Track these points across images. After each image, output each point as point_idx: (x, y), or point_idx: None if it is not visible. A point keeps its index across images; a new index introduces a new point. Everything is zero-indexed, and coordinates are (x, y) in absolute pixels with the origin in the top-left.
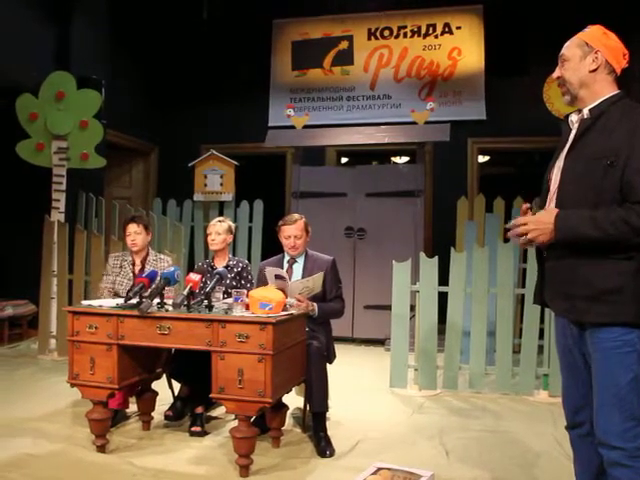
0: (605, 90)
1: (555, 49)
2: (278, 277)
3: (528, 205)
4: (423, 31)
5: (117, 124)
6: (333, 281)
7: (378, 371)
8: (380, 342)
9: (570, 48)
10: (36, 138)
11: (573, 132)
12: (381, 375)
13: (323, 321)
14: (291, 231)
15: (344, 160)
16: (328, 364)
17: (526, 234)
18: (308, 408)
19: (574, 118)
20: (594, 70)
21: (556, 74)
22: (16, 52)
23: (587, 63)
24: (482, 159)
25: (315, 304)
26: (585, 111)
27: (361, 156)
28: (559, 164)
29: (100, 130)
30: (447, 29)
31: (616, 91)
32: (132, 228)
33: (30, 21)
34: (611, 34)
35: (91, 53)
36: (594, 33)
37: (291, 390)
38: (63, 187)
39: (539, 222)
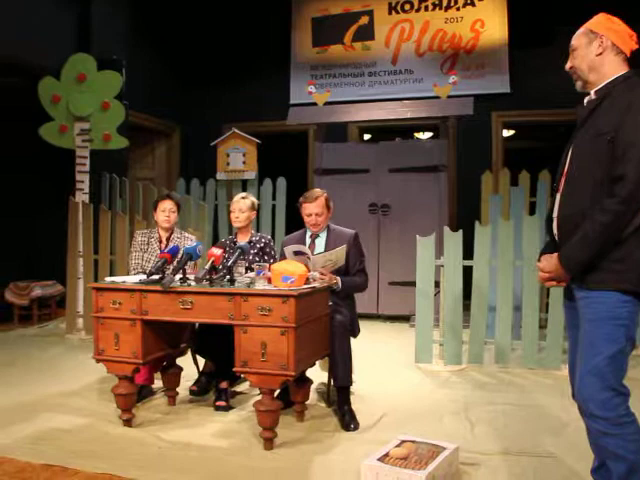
0: (613, 71)
1: (581, 18)
2: (298, 253)
3: (548, 256)
4: (444, 3)
5: (139, 105)
6: (356, 255)
7: (403, 347)
8: (405, 318)
9: (577, 37)
10: (59, 120)
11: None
12: (406, 351)
13: (347, 295)
14: (312, 209)
15: (366, 137)
16: (352, 338)
17: (550, 280)
18: (332, 382)
19: (586, 100)
20: (600, 54)
21: (568, 65)
22: (37, 35)
23: (593, 48)
24: (507, 133)
25: (338, 277)
26: (592, 92)
27: (384, 132)
28: (571, 145)
29: (122, 111)
30: (469, 1)
31: (625, 71)
32: (168, 205)
33: (50, 4)
34: (615, 18)
35: (111, 34)
36: (598, 20)
37: (315, 364)
38: (87, 168)
39: (552, 271)
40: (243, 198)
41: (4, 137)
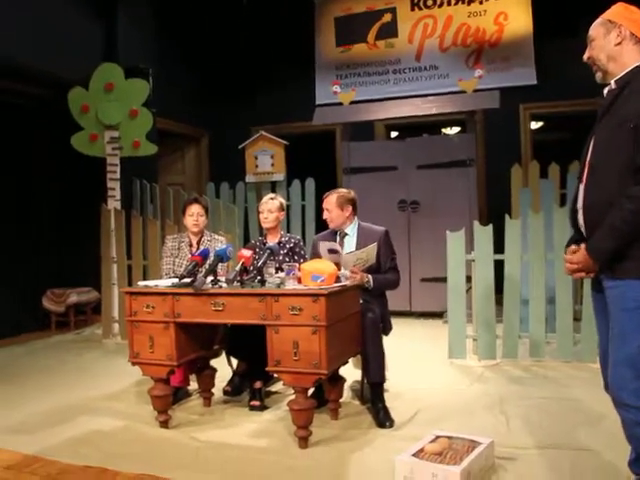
0: (633, 60)
1: (606, 7)
2: (331, 251)
3: (575, 247)
4: None
5: (167, 111)
6: (387, 252)
7: (436, 343)
8: (438, 315)
9: (594, 28)
10: (89, 129)
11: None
12: (439, 347)
13: (378, 293)
14: (324, 205)
15: (393, 134)
16: (384, 336)
17: (579, 271)
18: (366, 380)
19: (606, 91)
20: (619, 43)
21: (586, 55)
22: (65, 47)
23: (612, 38)
24: (535, 125)
25: (370, 276)
26: (612, 82)
27: (410, 129)
28: (592, 136)
29: (150, 118)
30: None
31: None
32: (195, 209)
33: (77, 16)
34: (633, 8)
35: (138, 43)
36: (615, 9)
37: (347, 362)
38: (117, 175)
39: (580, 262)
40: (271, 199)
41: (37, 147)
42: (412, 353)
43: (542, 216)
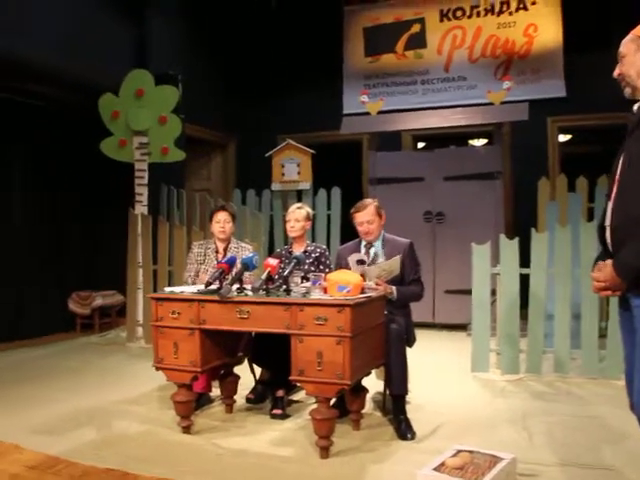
0: None
1: (638, 20)
2: (360, 262)
3: (602, 264)
4: (497, 9)
5: (195, 118)
6: (411, 264)
7: (460, 356)
8: (462, 327)
9: (625, 44)
10: (118, 135)
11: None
12: (463, 360)
13: (402, 304)
14: (363, 217)
15: (420, 145)
16: (408, 348)
17: (605, 289)
18: (388, 391)
19: (636, 107)
20: None
21: (616, 72)
22: (97, 53)
23: None
24: (563, 138)
25: (394, 287)
26: None
27: (437, 140)
28: (622, 153)
29: (179, 124)
30: (522, 5)
31: None
32: (222, 216)
33: (109, 22)
34: None
35: (168, 49)
36: None
37: (370, 373)
38: (145, 181)
39: (607, 280)
40: (299, 208)
41: (69, 152)
42: (435, 365)
43: (569, 230)
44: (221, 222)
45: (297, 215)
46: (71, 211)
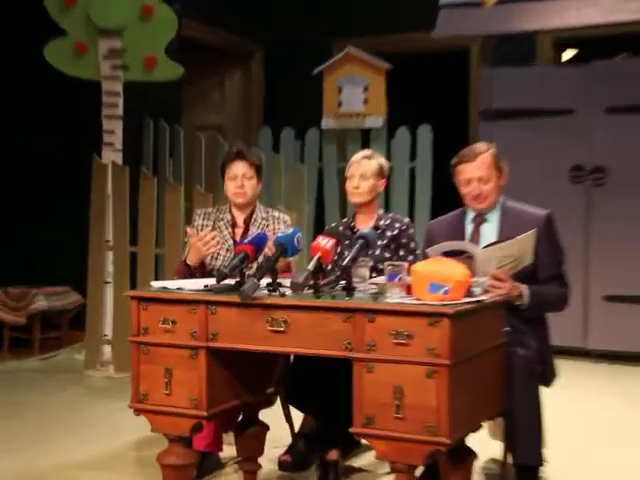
0: None
1: None
2: (452, 254)
3: None
4: None
5: (199, 12)
6: (549, 250)
7: (628, 404)
8: (634, 358)
9: None
10: (74, 35)
11: None
12: (634, 411)
13: (536, 315)
14: (471, 172)
15: (567, 54)
16: (543, 388)
17: None
18: (510, 459)
19: None
20: None
21: None
22: None
23: None
24: None
25: (523, 286)
26: None
27: (596, 45)
28: None
29: (172, 20)
30: None
31: None
32: (239, 169)
33: None
34: None
35: None
36: None
37: (481, 427)
38: (119, 111)
39: None
40: (366, 158)
41: None
42: (589, 420)
43: None
44: (238, 178)
45: (364, 169)
46: None
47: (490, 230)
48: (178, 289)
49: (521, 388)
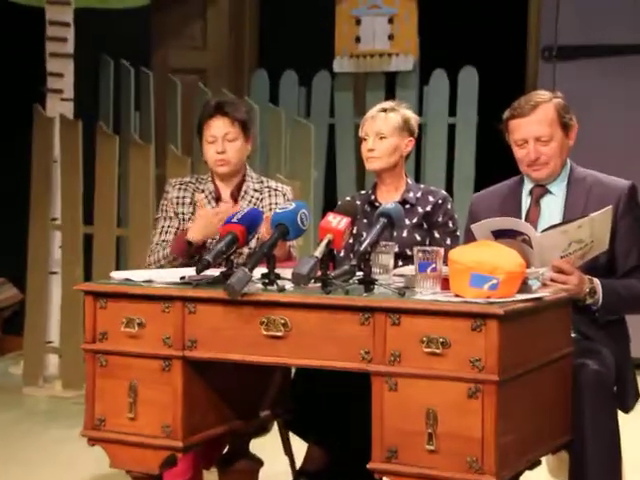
0: None
1: None
2: (502, 234)
3: None
4: None
5: None
6: (631, 233)
7: None
8: None
9: None
10: None
11: None
12: None
13: (612, 318)
14: (528, 129)
15: None
16: (621, 413)
17: None
18: None
19: None
20: None
21: None
22: None
23: None
24: None
25: (596, 280)
26: None
27: None
28: None
29: None
30: None
31: None
32: (219, 128)
33: None
34: None
35: None
36: None
37: (538, 464)
38: (69, 49)
39: None
40: (385, 111)
41: None
42: None
43: None
44: (218, 141)
45: (379, 126)
46: None
47: (553, 206)
48: (146, 282)
49: (591, 411)
